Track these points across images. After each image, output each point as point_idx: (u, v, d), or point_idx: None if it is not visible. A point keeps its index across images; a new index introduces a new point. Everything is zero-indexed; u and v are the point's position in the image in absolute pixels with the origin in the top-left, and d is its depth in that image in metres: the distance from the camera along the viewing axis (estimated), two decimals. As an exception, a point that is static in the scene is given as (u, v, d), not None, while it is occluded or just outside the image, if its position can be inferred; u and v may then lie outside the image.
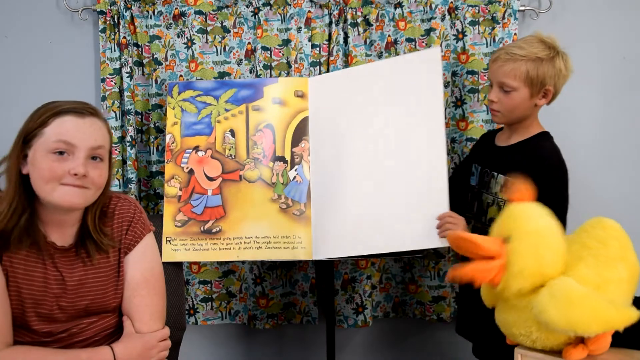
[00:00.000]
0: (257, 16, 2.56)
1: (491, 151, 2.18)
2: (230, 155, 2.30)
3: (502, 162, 2.10)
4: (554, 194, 1.92)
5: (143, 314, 1.66)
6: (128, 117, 2.53)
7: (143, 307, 1.66)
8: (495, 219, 1.96)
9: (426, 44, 2.54)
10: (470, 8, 2.53)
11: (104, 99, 2.55)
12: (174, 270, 2.19)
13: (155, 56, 2.56)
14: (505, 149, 2.13)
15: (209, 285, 2.66)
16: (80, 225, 1.64)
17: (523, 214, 1.59)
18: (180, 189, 2.27)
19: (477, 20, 2.54)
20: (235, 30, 2.59)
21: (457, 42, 2.54)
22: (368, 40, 2.58)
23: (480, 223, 2.14)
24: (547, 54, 2.00)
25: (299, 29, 2.57)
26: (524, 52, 2.00)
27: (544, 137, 2.10)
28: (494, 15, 2.52)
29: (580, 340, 1.53)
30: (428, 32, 2.54)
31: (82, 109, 1.56)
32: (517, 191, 1.63)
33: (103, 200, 1.65)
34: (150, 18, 2.55)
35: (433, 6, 2.52)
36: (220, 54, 2.59)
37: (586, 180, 2.64)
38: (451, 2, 2.52)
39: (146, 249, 1.71)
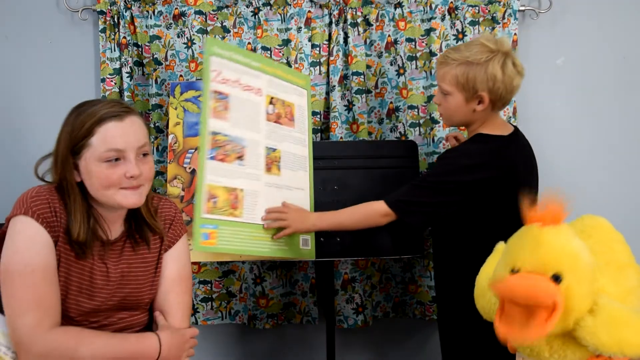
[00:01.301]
0: (257, 16, 2.56)
1: None
2: (233, 155, 2.30)
3: None
4: (425, 175, 1.91)
5: (177, 310, 1.72)
6: (128, 117, 2.53)
7: (177, 304, 1.72)
8: None
9: (426, 44, 2.54)
10: (470, 8, 2.54)
11: (104, 99, 2.55)
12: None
13: (155, 56, 2.56)
14: None
15: (209, 285, 2.65)
16: (127, 217, 1.69)
17: (569, 247, 1.38)
18: (183, 189, 2.27)
19: (477, 20, 2.54)
20: (235, 30, 2.59)
21: (457, 42, 2.54)
22: (368, 40, 2.59)
23: None
24: (479, 58, 1.88)
25: (299, 29, 2.57)
26: (456, 55, 1.91)
27: (470, 140, 2.02)
28: (494, 15, 2.52)
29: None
30: (428, 32, 2.54)
31: (119, 111, 1.58)
32: (547, 214, 1.39)
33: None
34: (150, 18, 2.55)
35: (433, 6, 2.53)
36: (220, 54, 2.59)
37: (586, 180, 2.64)
38: (451, 2, 2.53)
39: (183, 249, 1.78)
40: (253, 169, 2.05)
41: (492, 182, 1.91)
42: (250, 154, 2.05)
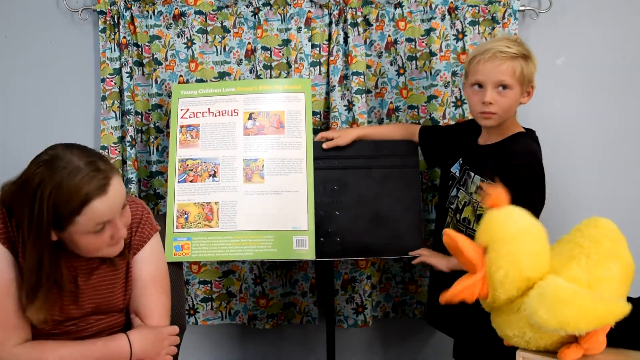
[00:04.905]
0: (257, 16, 2.56)
1: (472, 148, 2.14)
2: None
3: (479, 162, 2.08)
4: (522, 195, 1.87)
5: (152, 311, 1.70)
6: (128, 117, 2.53)
7: (152, 305, 1.70)
8: (469, 218, 2.00)
9: (426, 44, 2.54)
10: (470, 8, 2.53)
11: (103, 98, 2.55)
12: (174, 270, 2.17)
13: (155, 56, 2.56)
14: (483, 148, 2.10)
15: (209, 285, 2.66)
16: None
17: (496, 222, 1.56)
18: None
19: (477, 20, 2.54)
20: (235, 30, 2.59)
21: (457, 42, 2.54)
22: (368, 40, 2.59)
23: (456, 220, 2.13)
24: (528, 52, 2.00)
25: (299, 29, 2.57)
26: (515, 49, 1.96)
27: (521, 137, 2.05)
28: (494, 15, 2.52)
29: (574, 340, 1.53)
30: (428, 32, 2.54)
31: (103, 184, 1.48)
32: (490, 197, 1.59)
33: None
34: (150, 18, 2.55)
35: (433, 6, 2.52)
36: (220, 54, 2.59)
37: (586, 181, 2.64)
38: (451, 2, 2.52)
39: (153, 249, 1.76)
40: (229, 182, 2.26)
41: None
42: (225, 170, 2.27)
